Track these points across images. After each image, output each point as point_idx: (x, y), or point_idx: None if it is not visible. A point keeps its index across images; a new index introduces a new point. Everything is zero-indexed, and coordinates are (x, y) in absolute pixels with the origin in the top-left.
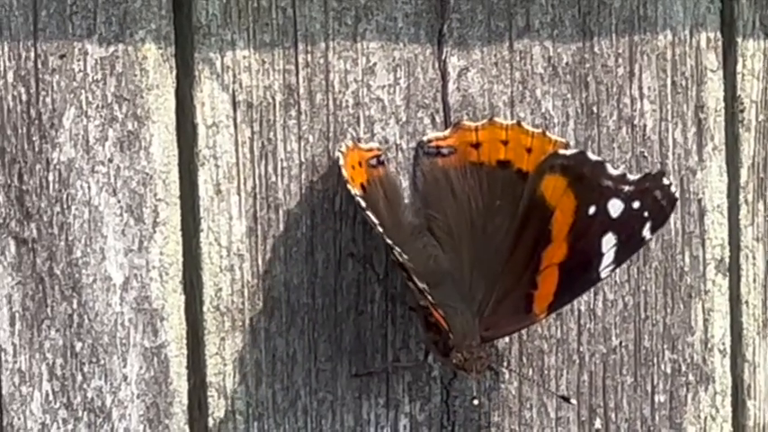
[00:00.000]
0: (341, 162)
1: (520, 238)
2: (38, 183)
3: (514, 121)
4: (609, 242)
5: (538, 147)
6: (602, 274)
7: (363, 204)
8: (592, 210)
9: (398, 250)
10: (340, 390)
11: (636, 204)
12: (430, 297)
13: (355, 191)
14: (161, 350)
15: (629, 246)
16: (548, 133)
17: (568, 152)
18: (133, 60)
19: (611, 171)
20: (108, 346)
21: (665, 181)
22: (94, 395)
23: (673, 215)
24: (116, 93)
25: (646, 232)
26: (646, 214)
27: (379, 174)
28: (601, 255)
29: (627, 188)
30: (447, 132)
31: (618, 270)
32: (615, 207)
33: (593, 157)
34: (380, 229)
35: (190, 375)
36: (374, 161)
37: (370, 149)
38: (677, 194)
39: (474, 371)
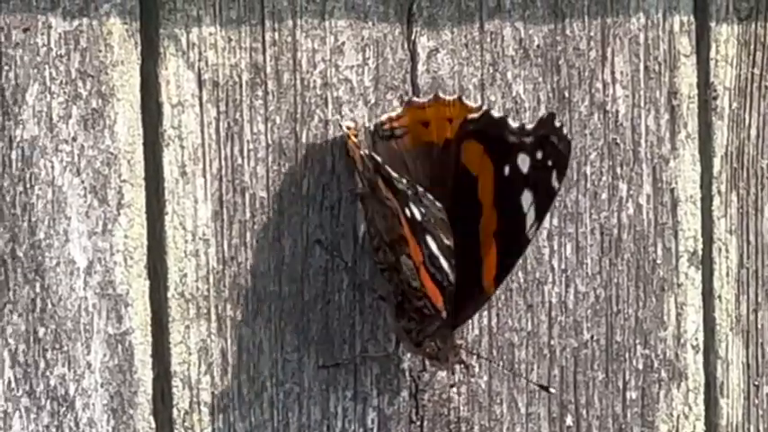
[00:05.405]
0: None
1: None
2: (0, 161)
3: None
4: (527, 200)
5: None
6: (530, 235)
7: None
8: (507, 170)
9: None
10: (307, 381)
11: (539, 154)
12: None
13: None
14: (125, 337)
15: (544, 200)
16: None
17: (476, 114)
18: (98, 35)
19: (513, 124)
20: (71, 332)
21: (557, 123)
22: (57, 383)
23: (645, 205)
24: (80, 69)
25: (554, 182)
26: (549, 163)
27: None
28: (524, 215)
29: (528, 139)
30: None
31: (589, 261)
32: (524, 162)
33: (495, 114)
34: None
35: (154, 364)
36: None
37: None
38: (569, 136)
39: (448, 361)
